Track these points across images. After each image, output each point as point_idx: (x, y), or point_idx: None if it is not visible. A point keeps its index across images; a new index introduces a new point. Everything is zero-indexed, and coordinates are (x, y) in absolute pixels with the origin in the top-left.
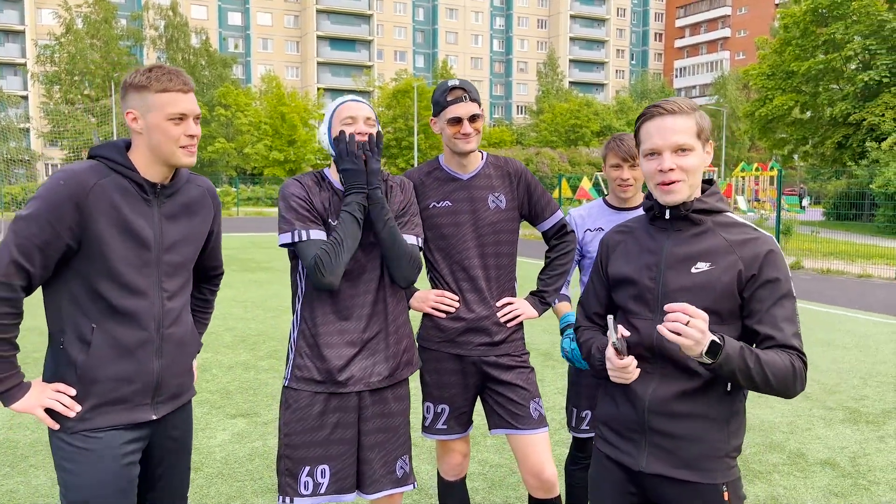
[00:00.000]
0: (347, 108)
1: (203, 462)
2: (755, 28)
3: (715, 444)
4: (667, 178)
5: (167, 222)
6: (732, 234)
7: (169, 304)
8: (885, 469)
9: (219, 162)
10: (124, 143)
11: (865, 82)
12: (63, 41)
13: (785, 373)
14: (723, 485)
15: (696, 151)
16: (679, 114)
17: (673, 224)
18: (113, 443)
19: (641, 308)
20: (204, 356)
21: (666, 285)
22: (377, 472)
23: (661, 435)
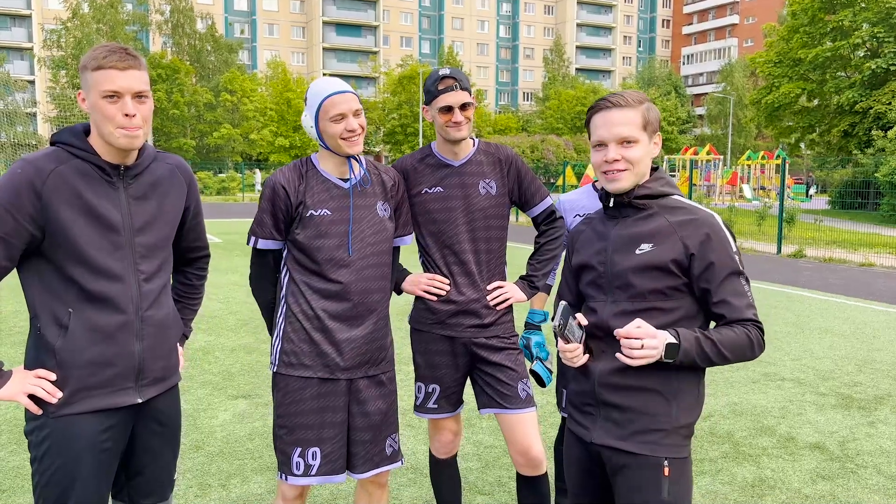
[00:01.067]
0: (334, 104)
1: (204, 441)
2: (764, 15)
3: (660, 418)
4: (612, 167)
5: (135, 203)
6: (675, 216)
7: (146, 286)
8: (874, 453)
9: (224, 148)
10: (83, 126)
11: (873, 70)
12: (69, 26)
13: (741, 345)
14: (665, 459)
15: (640, 143)
16: (625, 107)
17: (620, 211)
18: (92, 427)
19: (596, 292)
20: (206, 339)
21: (613, 267)
22: (368, 451)
23: (611, 407)
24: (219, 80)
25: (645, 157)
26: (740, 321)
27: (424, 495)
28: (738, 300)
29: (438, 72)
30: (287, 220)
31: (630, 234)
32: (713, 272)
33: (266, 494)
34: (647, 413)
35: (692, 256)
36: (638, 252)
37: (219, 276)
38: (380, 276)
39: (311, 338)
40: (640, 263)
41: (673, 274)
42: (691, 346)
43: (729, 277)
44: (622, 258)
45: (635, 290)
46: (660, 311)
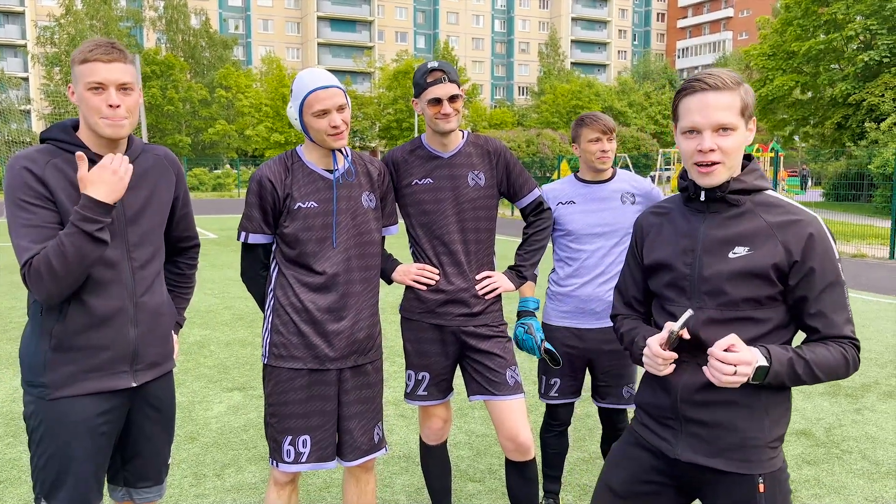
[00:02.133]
0: (317, 99)
1: (199, 432)
2: (758, 8)
3: (750, 434)
4: (706, 158)
5: (127, 193)
6: (773, 216)
7: (141, 273)
8: (859, 439)
9: (220, 144)
10: (72, 122)
11: (866, 62)
12: (63, 22)
13: (835, 366)
14: (759, 476)
15: (738, 131)
16: (723, 89)
17: (709, 206)
18: (88, 410)
19: (677, 295)
20: (202, 333)
21: (702, 271)
22: (357, 440)
23: (695, 423)
24: (213, 76)
25: (741, 146)
26: (837, 338)
27: (416, 483)
28: (837, 315)
29: (427, 64)
30: (275, 213)
31: (722, 235)
32: (814, 280)
33: (260, 483)
34: (736, 429)
35: (794, 263)
36: (732, 255)
37: (214, 272)
38: (367, 267)
39: (299, 330)
40: (735, 269)
41: (771, 282)
42: (783, 368)
43: (830, 287)
44: (714, 261)
45: (727, 298)
46: (752, 321)
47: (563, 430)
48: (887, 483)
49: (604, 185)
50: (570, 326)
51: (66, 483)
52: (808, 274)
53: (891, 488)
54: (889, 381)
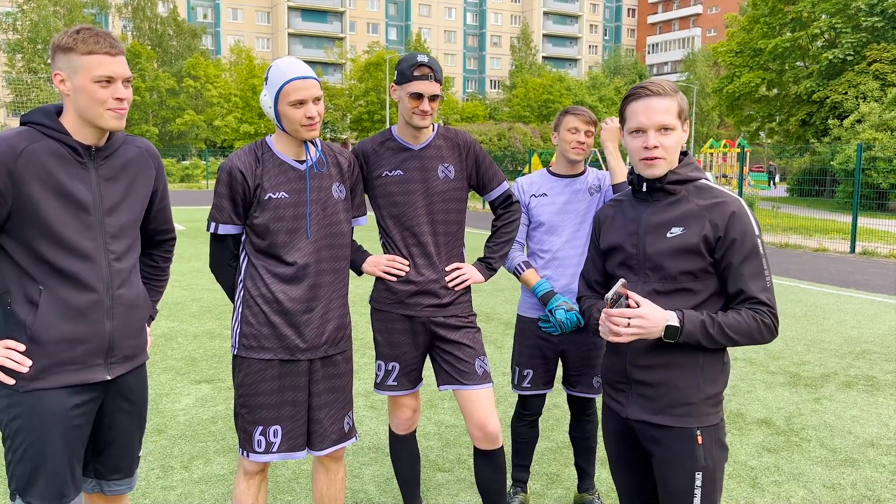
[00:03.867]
0: (295, 89)
1: (167, 424)
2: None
3: (688, 391)
4: (651, 154)
5: (105, 184)
6: (703, 199)
7: (117, 266)
8: (818, 427)
9: (188, 134)
10: (55, 107)
11: (830, 60)
12: (25, 8)
13: (750, 330)
14: (696, 429)
15: (676, 131)
16: (663, 95)
17: (651, 195)
18: (62, 403)
19: (627, 273)
20: (170, 325)
21: (645, 250)
22: (327, 429)
23: (641, 384)
24: (181, 65)
25: (678, 143)
26: (753, 303)
27: (385, 473)
28: (754, 282)
29: (417, 56)
30: (245, 204)
31: (662, 218)
32: (734, 251)
33: (228, 475)
34: (676, 387)
35: (718, 238)
36: (669, 235)
37: (182, 264)
38: (337, 258)
39: (270, 321)
40: (671, 246)
41: (702, 255)
42: (695, 328)
43: (749, 257)
44: (654, 241)
45: (666, 272)
46: (689, 291)
47: (534, 420)
48: (844, 470)
49: (576, 178)
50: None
51: (41, 477)
52: (730, 246)
53: (848, 475)
54: (847, 372)
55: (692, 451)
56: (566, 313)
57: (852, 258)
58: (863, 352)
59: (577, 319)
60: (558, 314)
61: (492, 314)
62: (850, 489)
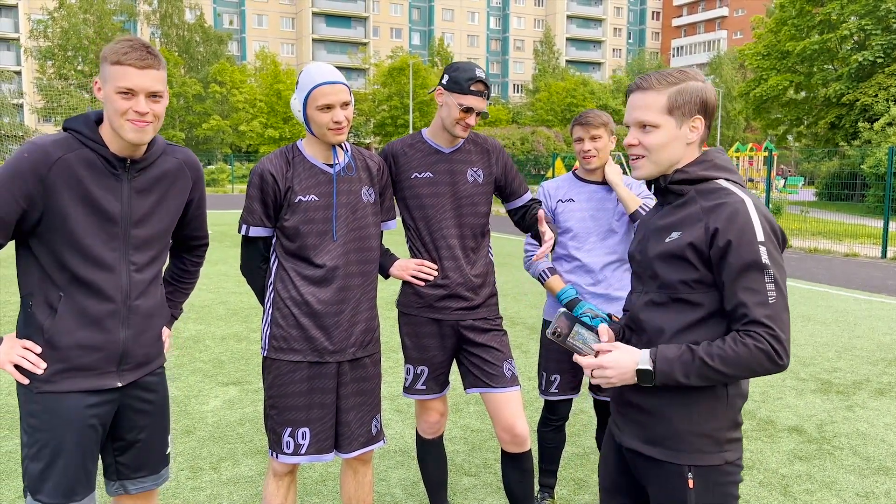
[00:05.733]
0: (322, 94)
1: (195, 426)
2: (753, 7)
3: (679, 423)
4: (631, 152)
5: (137, 197)
6: (708, 201)
7: (137, 277)
8: (850, 436)
9: (214, 139)
10: (96, 115)
11: (860, 63)
12: (56, 16)
13: (740, 360)
14: (687, 468)
15: (662, 128)
16: (649, 90)
17: (666, 197)
18: (77, 404)
19: (636, 282)
20: (197, 328)
21: (646, 257)
22: (354, 432)
23: (634, 409)
24: (208, 71)
25: (670, 143)
26: (748, 324)
27: (412, 476)
28: (750, 298)
29: (475, 70)
30: (276, 206)
31: (665, 222)
32: (728, 258)
33: (257, 477)
34: (665, 417)
35: (712, 244)
36: (667, 240)
37: (209, 267)
38: (366, 261)
39: (299, 323)
40: (664, 251)
41: (691, 264)
42: (671, 368)
43: (746, 271)
44: (653, 247)
45: (660, 280)
46: (687, 304)
47: (560, 425)
48: (878, 479)
49: (604, 184)
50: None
51: (53, 474)
52: (723, 254)
53: (881, 484)
54: (880, 379)
55: (682, 493)
56: (591, 320)
57: (883, 263)
58: (895, 359)
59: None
60: (584, 320)
61: (516, 318)
62: (884, 498)
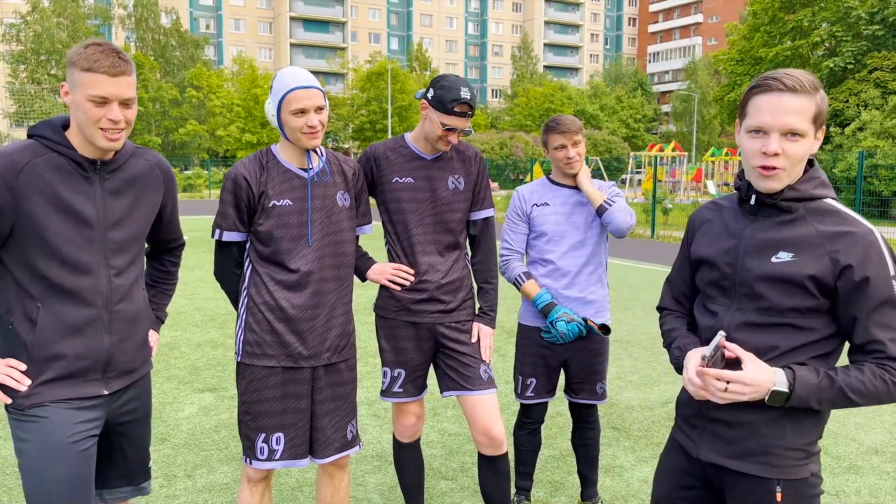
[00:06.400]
0: (296, 98)
1: (170, 433)
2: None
3: (770, 438)
4: (769, 162)
5: (111, 198)
6: (826, 224)
7: (117, 281)
8: (822, 435)
9: (190, 144)
10: (61, 120)
11: (831, 69)
12: (29, 20)
13: (878, 393)
14: (776, 482)
15: (807, 138)
16: (800, 93)
17: (761, 209)
18: (65, 420)
19: (719, 294)
20: (173, 334)
21: (744, 273)
22: (329, 437)
23: (718, 423)
24: (184, 75)
25: (807, 154)
26: (882, 358)
27: (389, 481)
28: (884, 333)
29: (461, 91)
30: (250, 211)
31: (767, 238)
32: (863, 294)
33: (232, 483)
34: (756, 432)
35: (841, 275)
36: (774, 260)
37: (185, 273)
38: (341, 265)
39: (273, 328)
40: (774, 274)
41: (809, 293)
42: (808, 393)
43: (882, 306)
44: (755, 264)
45: (766, 303)
46: (793, 328)
47: (536, 428)
48: (848, 477)
49: (577, 189)
50: (542, 327)
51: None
52: (856, 289)
53: (852, 482)
54: None
55: None
56: (567, 324)
57: None
58: None
59: (579, 330)
60: (559, 326)
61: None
62: (855, 496)
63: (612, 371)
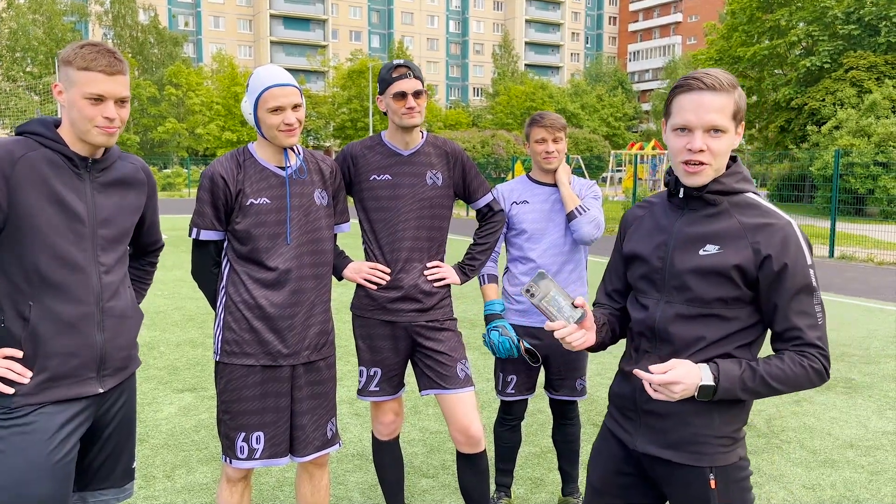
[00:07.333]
0: (273, 96)
1: (149, 434)
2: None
3: (700, 428)
4: (694, 158)
5: (100, 196)
6: (747, 217)
7: (107, 279)
8: (797, 430)
9: (170, 143)
10: (53, 119)
11: (808, 68)
12: (4, 16)
13: (797, 378)
14: (709, 469)
15: (728, 134)
16: (719, 91)
17: (687, 203)
18: (50, 425)
19: (649, 287)
20: (152, 334)
21: (673, 266)
22: (309, 436)
23: (651, 415)
24: (163, 73)
25: (729, 148)
26: (801, 345)
27: (370, 480)
28: (802, 320)
29: (392, 62)
30: (227, 209)
31: (695, 232)
32: (782, 283)
33: (211, 484)
34: (687, 422)
35: (762, 265)
36: (702, 253)
37: (164, 272)
38: (320, 263)
39: (252, 326)
40: (702, 266)
41: (734, 283)
42: (733, 384)
43: (799, 294)
44: (683, 257)
45: (693, 294)
46: (719, 318)
47: (516, 425)
48: (824, 471)
49: (556, 187)
50: (525, 325)
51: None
52: (776, 278)
53: (827, 476)
54: None
55: (704, 494)
56: (499, 337)
57: (831, 262)
58: (841, 354)
59: (510, 347)
60: (493, 335)
61: (476, 320)
62: (830, 490)
63: (593, 367)
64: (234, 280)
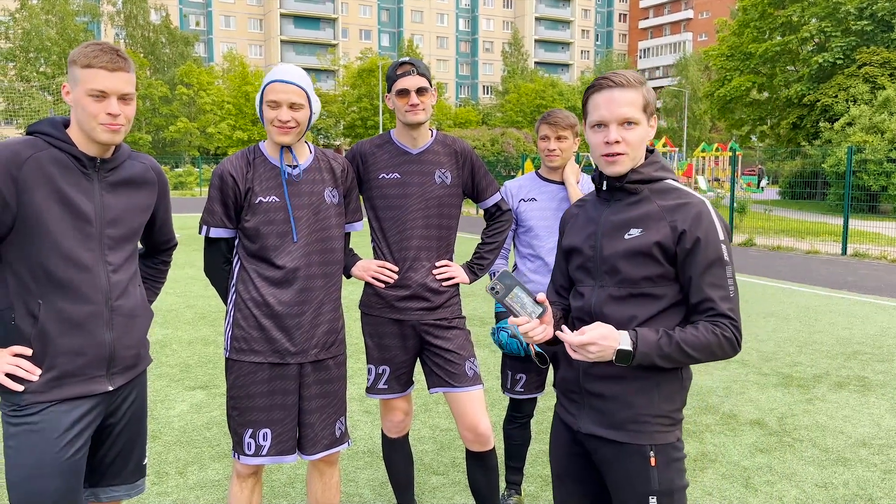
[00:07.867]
0: (272, 90)
1: (161, 431)
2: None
3: (641, 408)
4: (611, 150)
5: (108, 196)
6: (666, 200)
7: (115, 277)
8: (809, 428)
9: (181, 142)
10: (62, 119)
11: (820, 64)
12: (17, 17)
13: (710, 346)
14: (649, 447)
15: (641, 125)
16: (627, 87)
17: (613, 194)
18: (59, 423)
19: (585, 276)
20: (164, 332)
21: (602, 252)
22: (318, 434)
23: (594, 396)
24: (174, 72)
25: (643, 139)
26: (713, 315)
27: (380, 477)
28: (715, 292)
29: (399, 60)
30: (237, 207)
31: (620, 219)
32: (695, 256)
33: (223, 480)
34: (628, 403)
35: (678, 242)
36: (627, 237)
37: (176, 271)
38: (329, 262)
39: (260, 324)
40: (627, 249)
41: (657, 260)
42: (650, 349)
43: (711, 266)
44: (610, 243)
45: (622, 276)
46: (648, 297)
47: (526, 423)
48: (836, 469)
49: (564, 185)
50: None
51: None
52: (690, 252)
53: (839, 474)
54: (839, 372)
55: (645, 472)
56: (508, 338)
57: (843, 260)
58: (854, 352)
59: (518, 349)
60: (501, 335)
61: (486, 318)
62: (843, 488)
63: None
64: (243, 277)
